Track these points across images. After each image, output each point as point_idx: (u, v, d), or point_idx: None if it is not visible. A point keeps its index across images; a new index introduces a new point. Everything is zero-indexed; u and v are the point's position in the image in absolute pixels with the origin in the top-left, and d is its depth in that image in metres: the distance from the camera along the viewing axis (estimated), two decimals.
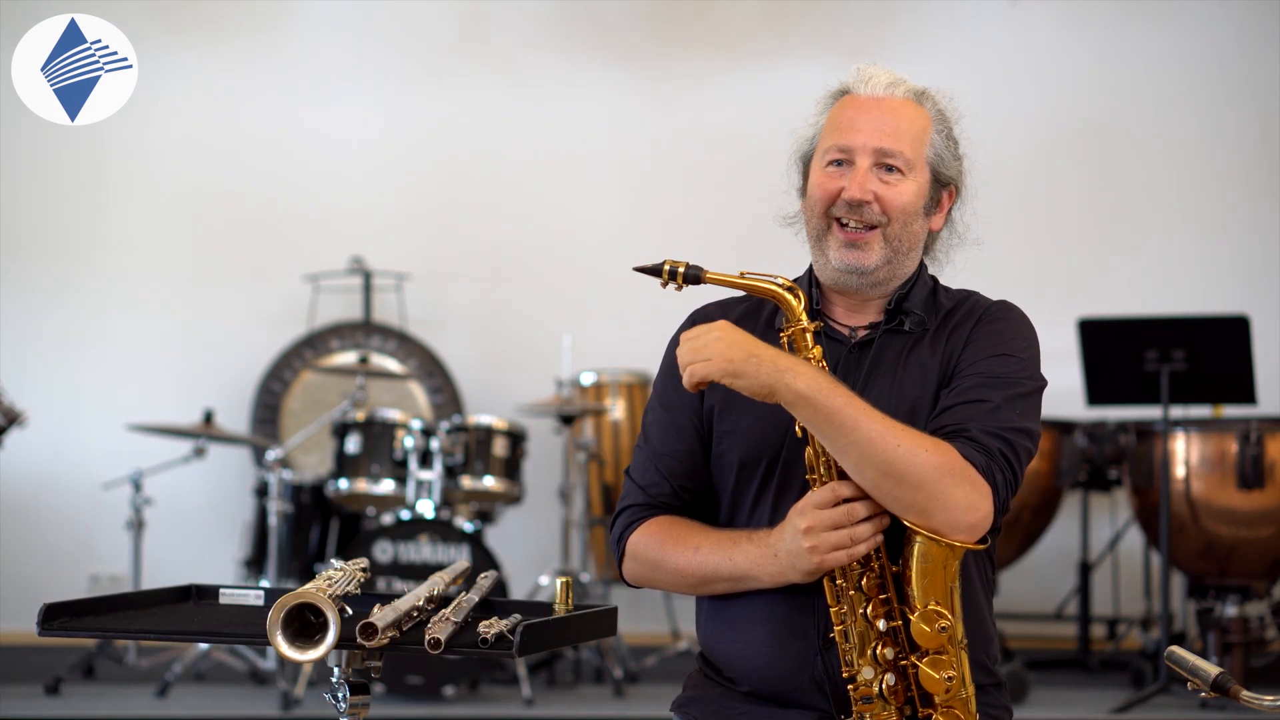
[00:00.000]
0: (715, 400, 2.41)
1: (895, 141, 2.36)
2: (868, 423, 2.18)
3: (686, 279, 2.25)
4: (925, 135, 2.39)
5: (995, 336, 2.36)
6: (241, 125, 7.50)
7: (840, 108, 2.42)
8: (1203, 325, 5.85)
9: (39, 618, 2.18)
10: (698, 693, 2.44)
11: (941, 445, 2.20)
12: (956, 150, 2.44)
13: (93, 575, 7.19)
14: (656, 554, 2.39)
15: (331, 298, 7.31)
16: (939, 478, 2.17)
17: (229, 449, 6.97)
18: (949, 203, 2.45)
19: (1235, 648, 5.71)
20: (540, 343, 7.06)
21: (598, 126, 7.63)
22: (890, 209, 2.35)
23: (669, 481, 2.43)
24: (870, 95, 2.40)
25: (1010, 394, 2.30)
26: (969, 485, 2.19)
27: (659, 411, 2.46)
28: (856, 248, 2.36)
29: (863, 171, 2.35)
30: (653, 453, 2.45)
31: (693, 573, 2.35)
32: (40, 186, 7.40)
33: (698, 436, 2.43)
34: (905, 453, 2.17)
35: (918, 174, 2.38)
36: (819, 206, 2.38)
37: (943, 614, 2.19)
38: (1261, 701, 2.09)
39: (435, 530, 5.62)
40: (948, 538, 2.18)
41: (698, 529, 2.39)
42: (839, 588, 2.24)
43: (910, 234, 2.38)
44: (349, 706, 2.15)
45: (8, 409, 5.68)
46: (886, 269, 2.38)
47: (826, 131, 2.42)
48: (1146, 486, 5.96)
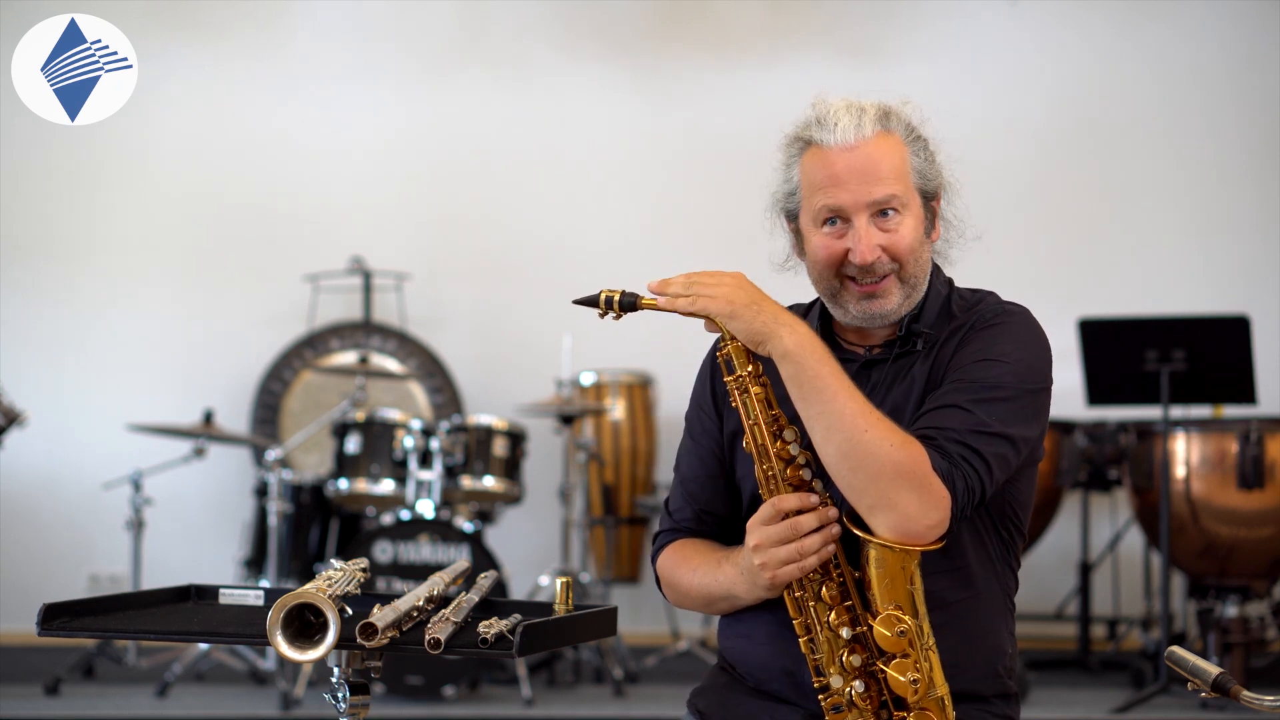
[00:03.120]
0: (734, 427, 2.41)
1: (885, 186, 2.30)
2: (845, 399, 2.17)
3: (623, 306, 2.26)
4: (905, 163, 2.33)
5: (984, 342, 2.33)
6: (242, 125, 7.51)
7: (814, 164, 2.33)
8: (1203, 325, 5.85)
9: (39, 618, 2.18)
10: (709, 683, 2.48)
11: (911, 445, 2.18)
12: (931, 156, 2.38)
13: (93, 575, 7.20)
14: (671, 575, 2.45)
15: (331, 298, 7.31)
16: (895, 477, 2.14)
17: (229, 449, 6.97)
18: (938, 207, 2.42)
19: (1235, 648, 5.71)
20: (540, 343, 7.05)
21: (598, 126, 7.63)
22: (899, 253, 2.32)
23: (691, 506, 2.47)
24: (840, 144, 2.31)
25: (986, 398, 2.26)
26: (923, 491, 2.16)
27: (686, 440, 2.50)
28: (875, 298, 2.33)
29: (863, 230, 2.30)
30: (680, 479, 2.50)
31: (697, 593, 2.40)
32: (40, 187, 7.40)
33: (719, 464, 2.45)
34: (869, 440, 2.15)
35: (912, 206, 2.34)
36: (828, 270, 2.35)
37: (901, 618, 2.18)
38: (1262, 701, 2.09)
39: (435, 530, 5.62)
40: (888, 540, 2.16)
41: (702, 550, 2.42)
42: (798, 599, 2.24)
43: (921, 265, 2.37)
44: (349, 706, 2.15)
45: (8, 409, 5.68)
46: (906, 305, 2.36)
47: (808, 191, 2.34)
48: (1146, 486, 5.96)
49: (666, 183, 7.63)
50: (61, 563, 7.19)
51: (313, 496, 6.24)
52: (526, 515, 6.87)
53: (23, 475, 7.11)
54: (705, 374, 2.49)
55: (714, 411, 2.46)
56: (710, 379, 2.47)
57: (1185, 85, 7.62)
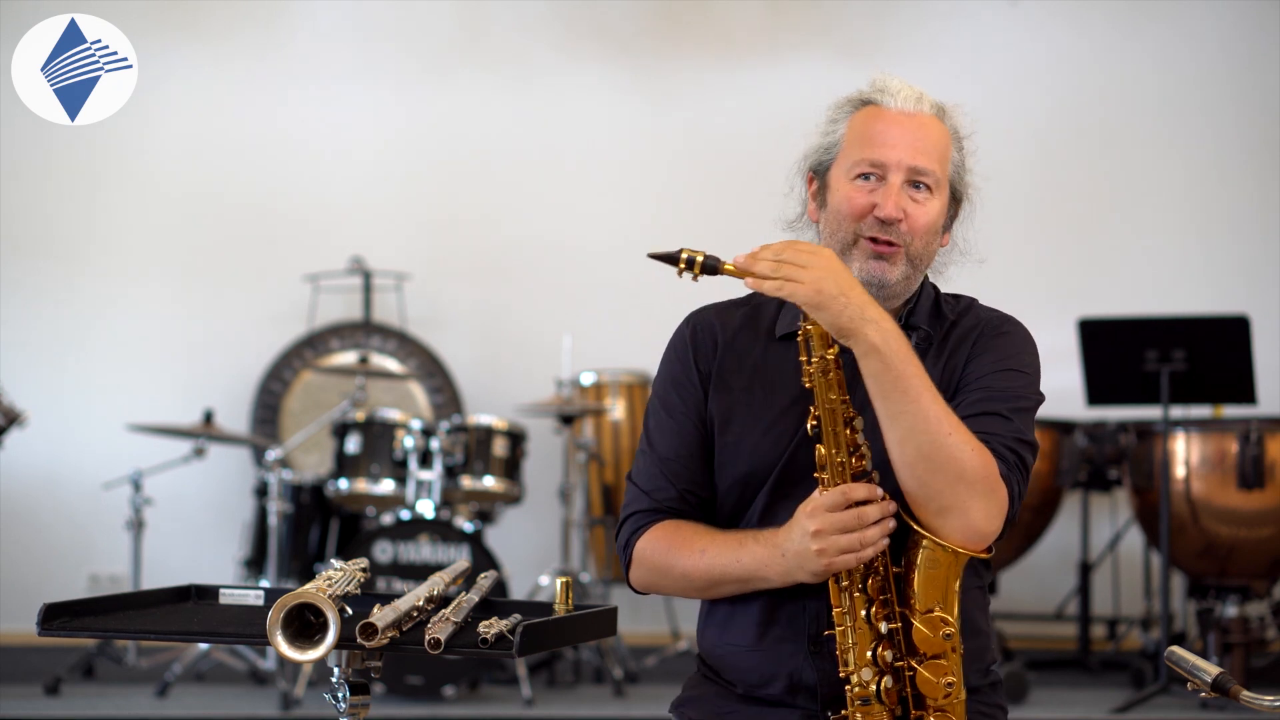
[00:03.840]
0: (718, 411, 2.40)
1: (928, 159, 2.35)
2: (929, 401, 2.17)
3: (704, 269, 2.19)
4: (948, 153, 2.39)
5: (1002, 350, 2.37)
6: (242, 125, 7.50)
7: (867, 119, 2.38)
8: (1203, 325, 5.85)
9: (39, 618, 2.18)
10: (694, 693, 2.46)
11: (985, 452, 2.20)
12: (967, 165, 2.44)
13: (93, 575, 7.20)
14: (664, 558, 2.38)
15: (331, 298, 7.31)
16: (973, 482, 2.17)
17: (229, 449, 6.97)
18: (956, 215, 2.45)
19: (1235, 648, 5.71)
20: (540, 343, 7.06)
21: (598, 126, 7.63)
22: (916, 228, 2.34)
23: (674, 486, 2.41)
24: (900, 110, 2.37)
25: (1018, 407, 2.31)
26: (993, 498, 2.19)
27: (662, 416, 2.44)
28: (883, 260, 2.34)
29: (896, 189, 2.33)
30: (657, 458, 2.43)
31: (700, 575, 2.34)
32: (40, 187, 7.40)
33: (700, 441, 2.41)
34: (953, 444, 2.16)
35: (941, 192, 2.38)
36: (847, 221, 2.35)
37: (947, 619, 2.19)
38: (1261, 701, 2.09)
39: (435, 530, 5.62)
40: (954, 544, 2.18)
41: (704, 531, 2.38)
42: (844, 588, 2.23)
43: (929, 252, 2.39)
44: (349, 706, 2.15)
45: (8, 409, 5.68)
46: (904, 285, 2.37)
47: (852, 143, 2.37)
48: (1146, 486, 5.96)
49: (666, 183, 7.63)
50: (61, 563, 7.19)
51: (313, 496, 6.24)
52: (526, 515, 6.87)
53: (23, 475, 7.11)
54: (684, 351, 2.45)
55: (699, 387, 2.42)
56: (692, 355, 2.44)
57: (1186, 85, 7.62)
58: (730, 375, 2.41)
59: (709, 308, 2.50)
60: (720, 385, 2.41)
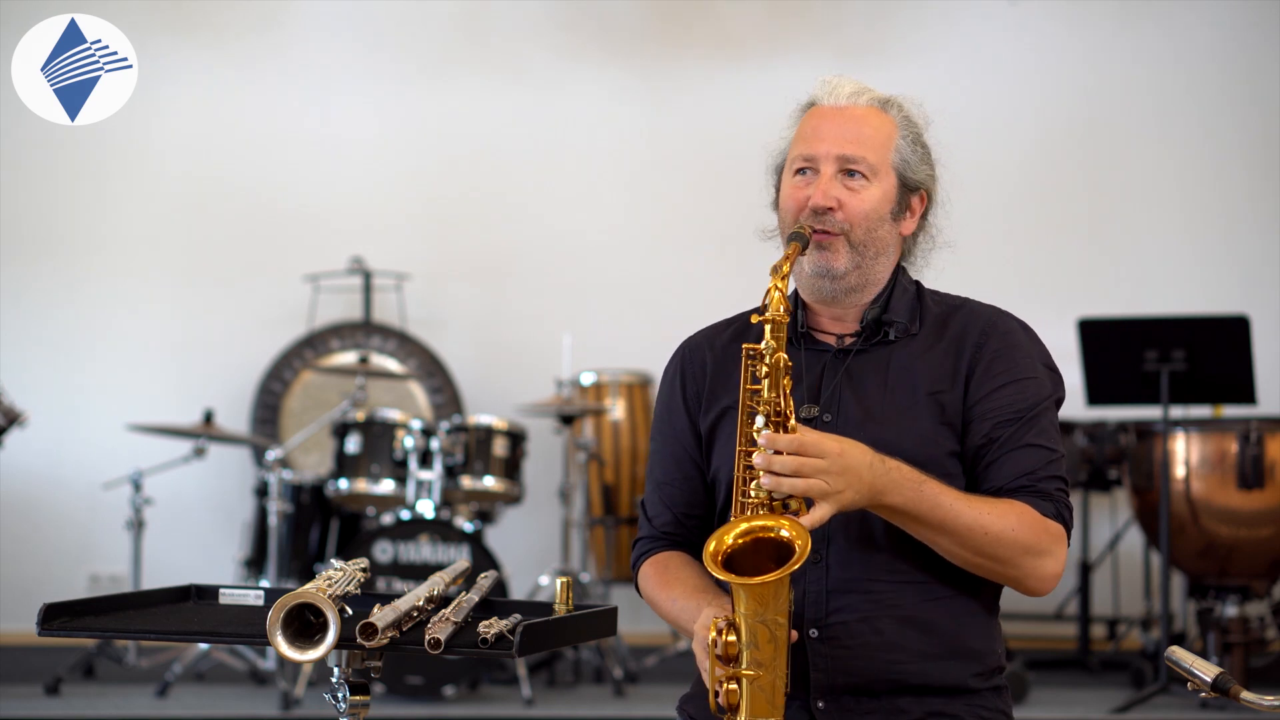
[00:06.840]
0: (708, 427, 2.47)
1: (857, 148, 2.40)
2: (954, 518, 2.26)
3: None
4: (890, 141, 2.43)
5: (1008, 362, 2.41)
6: (241, 125, 7.50)
7: (808, 118, 2.47)
8: (1203, 325, 5.85)
9: (39, 618, 2.18)
10: (698, 690, 2.47)
11: (1024, 515, 2.30)
12: (927, 156, 2.48)
13: (93, 575, 7.19)
14: (651, 594, 2.50)
15: (331, 298, 7.31)
16: (1024, 553, 2.30)
17: (229, 449, 6.97)
18: (921, 207, 2.48)
19: (1235, 648, 5.71)
20: (540, 343, 7.05)
21: (598, 126, 7.62)
22: (852, 215, 2.40)
23: (670, 510, 2.51)
24: (834, 105, 2.45)
25: (1041, 424, 2.39)
26: (1054, 546, 2.33)
27: (656, 442, 2.55)
28: (824, 248, 2.39)
29: (826, 179, 2.40)
30: (654, 483, 2.54)
31: (671, 620, 2.47)
32: (40, 187, 7.40)
33: (694, 464, 2.49)
34: (994, 538, 2.28)
35: (882, 179, 2.42)
36: (789, 216, 2.43)
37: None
38: (1261, 701, 2.09)
39: (435, 530, 5.62)
40: (1040, 593, 2.37)
41: (682, 577, 2.44)
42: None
43: (876, 239, 2.42)
44: (349, 706, 2.15)
45: (8, 409, 5.68)
46: (857, 274, 2.42)
47: (794, 142, 2.47)
48: (1146, 486, 5.96)
49: (666, 183, 7.62)
50: (61, 563, 7.19)
51: (313, 496, 6.24)
52: (526, 515, 6.87)
53: (23, 475, 7.10)
54: (673, 378, 2.54)
55: (686, 412, 2.50)
56: (680, 380, 2.52)
57: (1185, 86, 7.62)
58: (720, 391, 2.47)
59: (699, 332, 2.57)
60: (711, 402, 2.48)
